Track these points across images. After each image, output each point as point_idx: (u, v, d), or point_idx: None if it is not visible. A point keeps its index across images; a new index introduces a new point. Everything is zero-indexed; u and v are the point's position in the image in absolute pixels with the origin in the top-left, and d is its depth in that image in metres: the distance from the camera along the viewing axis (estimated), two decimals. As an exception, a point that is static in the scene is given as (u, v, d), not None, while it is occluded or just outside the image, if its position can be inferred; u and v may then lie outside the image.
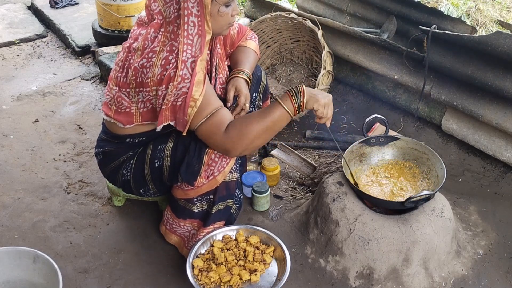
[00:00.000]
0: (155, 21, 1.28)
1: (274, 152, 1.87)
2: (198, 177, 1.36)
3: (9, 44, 2.85)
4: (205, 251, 1.46)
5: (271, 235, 1.47)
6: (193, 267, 1.40)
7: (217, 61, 1.47)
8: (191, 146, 1.36)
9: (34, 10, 3.22)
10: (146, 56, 1.25)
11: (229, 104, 1.47)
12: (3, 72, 2.60)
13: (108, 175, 1.56)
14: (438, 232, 1.45)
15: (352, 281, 1.45)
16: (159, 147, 1.41)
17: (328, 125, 1.40)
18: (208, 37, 1.24)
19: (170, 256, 1.55)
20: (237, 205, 1.56)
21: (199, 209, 1.45)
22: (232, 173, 1.41)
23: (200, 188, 1.39)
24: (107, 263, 1.53)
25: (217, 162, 1.36)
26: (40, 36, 2.94)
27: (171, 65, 1.22)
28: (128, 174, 1.48)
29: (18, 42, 2.87)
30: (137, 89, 1.30)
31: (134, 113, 1.35)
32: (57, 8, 3.12)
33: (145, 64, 1.25)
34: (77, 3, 3.19)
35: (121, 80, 1.33)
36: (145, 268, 1.52)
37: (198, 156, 1.35)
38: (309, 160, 1.86)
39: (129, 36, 1.38)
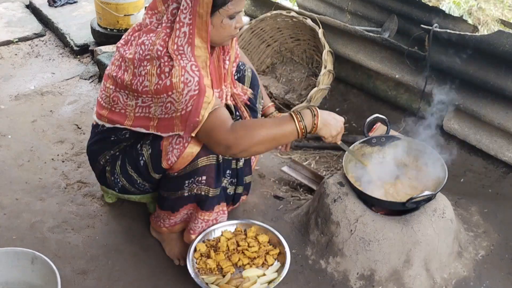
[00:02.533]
0: (149, 27, 1.29)
1: (285, 169, 1.85)
2: (162, 159, 1.35)
3: (7, 43, 2.83)
4: (213, 238, 1.49)
5: (282, 241, 1.47)
6: (195, 249, 1.43)
7: (212, 74, 1.44)
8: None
9: (32, 8, 3.20)
10: (142, 64, 1.25)
11: None
12: (1, 72, 2.58)
13: (103, 181, 1.55)
14: (440, 233, 1.44)
15: (353, 283, 1.44)
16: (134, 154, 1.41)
17: (338, 142, 1.43)
18: (202, 45, 1.23)
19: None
20: (234, 185, 1.55)
21: (189, 193, 1.42)
22: (208, 157, 1.37)
23: (176, 164, 1.35)
24: (106, 264, 1.52)
25: (174, 146, 1.34)
26: (38, 35, 2.92)
27: (166, 74, 1.21)
28: (118, 179, 1.48)
29: (16, 41, 2.85)
30: (135, 94, 1.29)
31: (128, 116, 1.33)
32: (55, 7, 3.10)
33: (141, 72, 1.25)
34: (75, 2, 3.17)
35: (118, 81, 1.32)
36: (144, 269, 1.51)
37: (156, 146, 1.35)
38: (318, 172, 1.82)
39: (123, 37, 1.37)
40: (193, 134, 1.27)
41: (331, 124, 1.35)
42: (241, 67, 1.61)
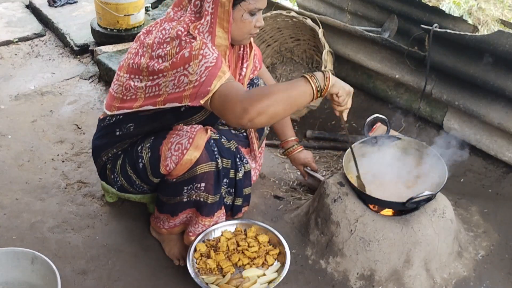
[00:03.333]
0: (171, 17, 1.31)
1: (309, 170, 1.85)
2: (161, 165, 1.34)
3: (7, 43, 2.83)
4: (213, 238, 1.49)
5: (282, 241, 1.47)
6: (195, 249, 1.43)
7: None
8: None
9: (32, 8, 3.20)
10: (161, 47, 1.25)
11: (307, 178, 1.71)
12: (1, 72, 2.58)
13: (103, 177, 1.55)
14: (440, 233, 1.44)
15: (353, 283, 1.44)
16: (134, 154, 1.41)
17: (345, 117, 1.37)
18: (223, 35, 1.24)
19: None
20: (230, 195, 1.55)
21: (188, 199, 1.41)
22: (207, 163, 1.35)
23: (175, 170, 1.34)
24: (105, 264, 1.52)
25: (173, 153, 1.33)
26: (38, 35, 2.92)
27: (185, 49, 1.21)
28: (117, 178, 1.48)
29: (16, 41, 2.85)
30: (151, 77, 1.29)
31: (138, 98, 1.32)
32: (55, 7, 3.10)
33: (160, 54, 1.25)
34: (75, 2, 3.17)
35: (134, 67, 1.32)
36: (144, 269, 1.51)
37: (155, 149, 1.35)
38: (318, 176, 1.82)
39: (145, 27, 1.40)
40: (202, 102, 1.21)
41: (342, 82, 1.30)
42: (255, 81, 1.61)
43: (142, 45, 1.33)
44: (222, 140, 1.46)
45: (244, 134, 1.64)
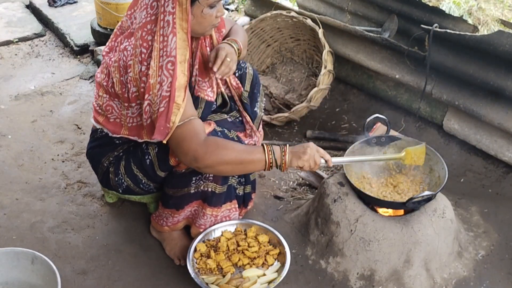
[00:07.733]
0: (129, 30, 1.28)
1: (302, 174, 1.84)
2: (170, 157, 1.36)
3: (7, 43, 2.83)
4: (213, 238, 1.49)
5: (282, 241, 1.47)
6: (195, 249, 1.44)
7: (198, 64, 1.42)
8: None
9: (32, 8, 3.20)
10: (127, 71, 1.25)
11: (210, 64, 1.38)
12: (1, 72, 2.58)
13: (105, 183, 1.55)
14: (440, 233, 1.44)
15: (353, 283, 1.44)
16: (139, 154, 1.42)
17: (329, 164, 1.34)
18: (182, 36, 1.21)
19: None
20: (242, 185, 1.55)
21: (195, 190, 1.42)
22: None
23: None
24: (105, 264, 1.52)
25: None
26: (38, 35, 2.92)
27: (147, 76, 1.21)
28: (122, 180, 1.48)
29: (16, 41, 2.85)
30: (126, 104, 1.30)
31: (123, 125, 1.35)
32: (55, 7, 3.10)
33: (127, 79, 1.26)
34: (75, 2, 3.17)
35: (111, 91, 1.33)
36: (144, 269, 1.51)
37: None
38: (320, 173, 1.82)
39: (107, 43, 1.36)
40: (164, 141, 1.24)
41: (298, 152, 1.30)
42: (242, 65, 1.58)
43: (108, 66, 1.32)
44: (225, 131, 1.46)
45: (240, 119, 1.57)
